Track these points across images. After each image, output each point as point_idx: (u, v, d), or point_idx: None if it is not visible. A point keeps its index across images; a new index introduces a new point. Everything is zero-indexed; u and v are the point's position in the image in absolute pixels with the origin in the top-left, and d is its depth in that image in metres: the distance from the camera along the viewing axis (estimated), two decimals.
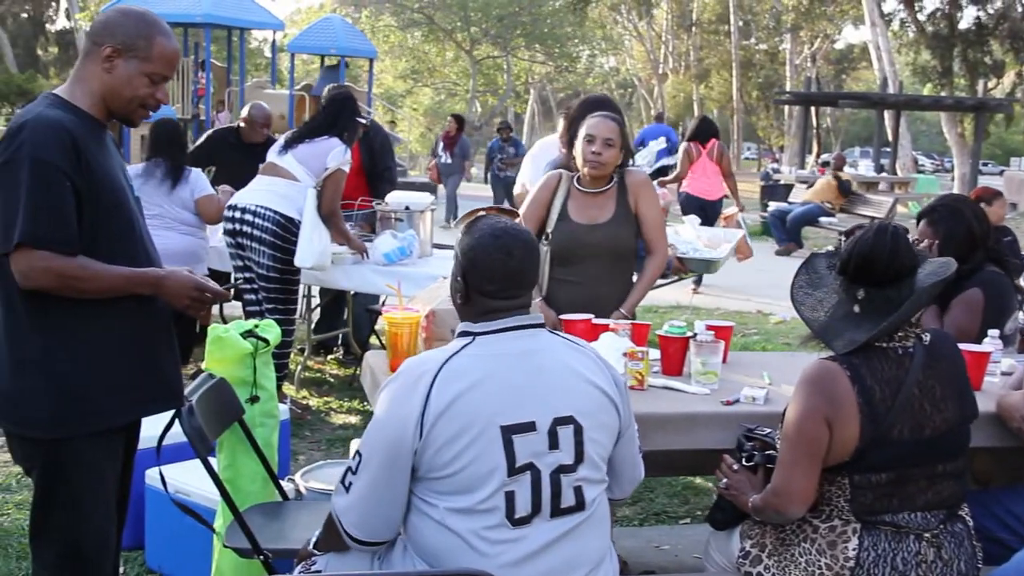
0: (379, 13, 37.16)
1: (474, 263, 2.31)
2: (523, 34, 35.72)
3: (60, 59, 39.93)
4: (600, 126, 3.99)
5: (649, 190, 4.15)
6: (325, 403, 6.21)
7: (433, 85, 42.27)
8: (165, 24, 2.72)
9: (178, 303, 2.67)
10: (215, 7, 16.91)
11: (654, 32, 43.50)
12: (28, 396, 2.57)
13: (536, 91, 43.06)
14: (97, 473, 2.68)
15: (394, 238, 5.86)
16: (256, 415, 3.39)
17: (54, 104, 2.61)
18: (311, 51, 20.98)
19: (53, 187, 2.47)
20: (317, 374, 6.85)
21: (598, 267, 4.05)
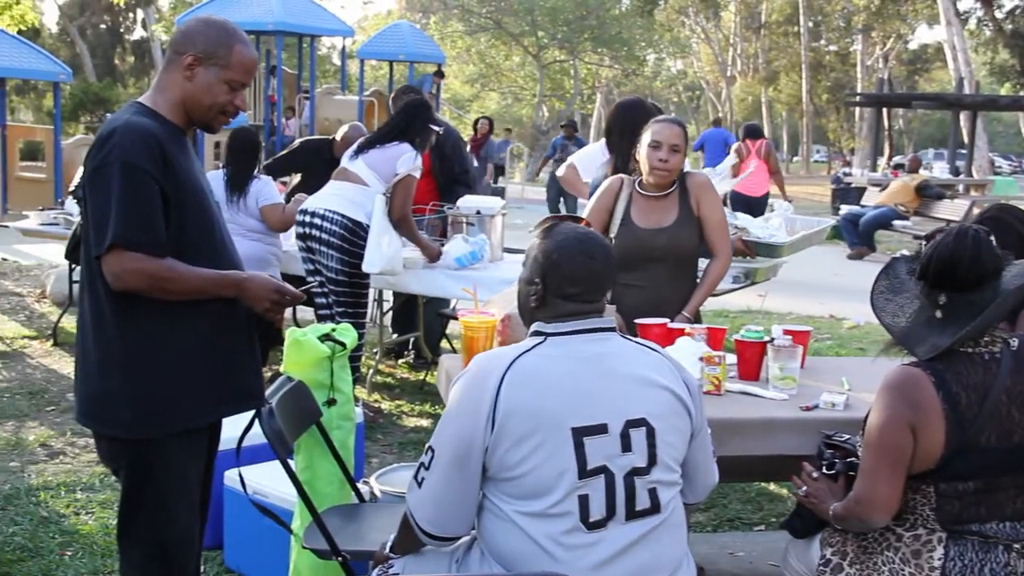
0: (447, 19, 37.38)
1: (557, 265, 2.32)
2: (590, 38, 35.64)
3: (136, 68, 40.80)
4: (666, 131, 3.96)
5: (711, 192, 4.12)
6: (397, 407, 6.25)
7: (500, 90, 42.38)
8: (243, 33, 2.77)
9: (258, 306, 2.71)
10: (287, 15, 17.14)
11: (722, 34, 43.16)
12: (114, 397, 2.62)
13: (603, 95, 42.90)
14: (181, 473, 2.72)
15: (465, 242, 5.88)
16: (333, 418, 3.42)
17: (140, 112, 2.67)
18: (380, 57, 21.16)
19: (142, 191, 2.53)
20: (388, 378, 6.90)
21: (662, 271, 4.03)
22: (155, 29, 35.59)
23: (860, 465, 2.60)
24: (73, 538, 4.14)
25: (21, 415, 5.90)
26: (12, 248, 11.77)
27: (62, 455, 5.23)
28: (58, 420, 5.82)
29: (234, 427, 2.95)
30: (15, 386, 6.50)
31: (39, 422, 5.79)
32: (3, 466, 5.01)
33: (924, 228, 13.92)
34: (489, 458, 2.22)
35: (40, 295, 9.33)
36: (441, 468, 2.25)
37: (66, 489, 4.69)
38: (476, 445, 2.21)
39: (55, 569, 3.87)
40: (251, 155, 6.25)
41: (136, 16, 38.91)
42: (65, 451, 5.29)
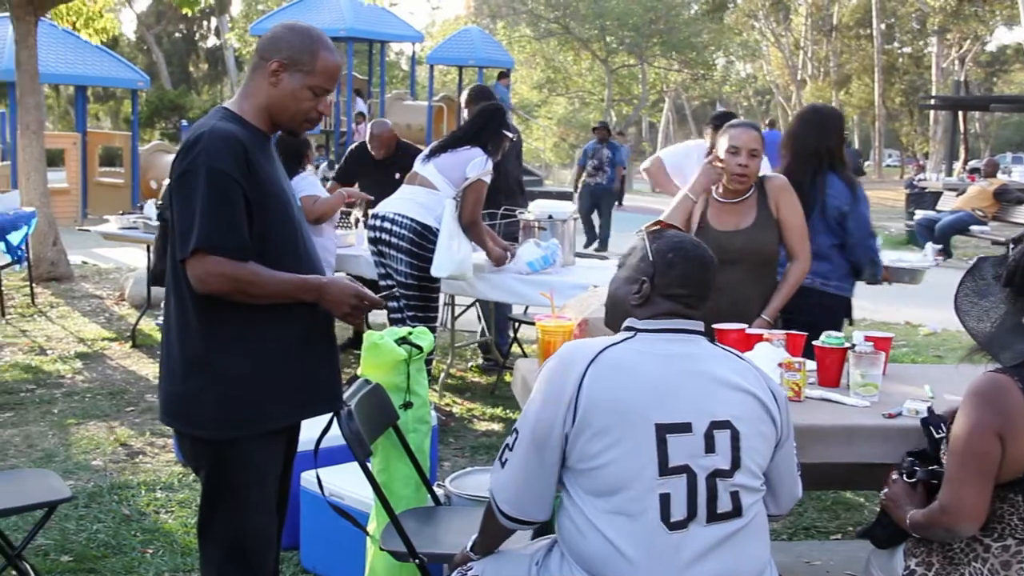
0: (515, 24, 37.48)
1: (671, 265, 2.36)
2: (659, 42, 35.48)
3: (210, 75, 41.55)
4: (743, 136, 3.94)
5: (790, 195, 4.08)
6: (468, 410, 6.28)
7: (568, 95, 42.37)
8: (328, 39, 2.79)
9: (338, 310, 2.73)
10: (357, 21, 17.35)
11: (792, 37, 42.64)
12: (197, 397, 2.66)
13: (671, 99, 42.70)
14: (260, 473, 2.75)
15: (538, 247, 5.88)
16: (409, 421, 3.44)
17: (225, 117, 2.70)
18: (450, 62, 21.31)
19: (227, 195, 2.57)
20: (459, 381, 6.93)
21: (741, 273, 3.99)
22: (228, 37, 36.22)
23: (945, 473, 2.54)
24: (154, 536, 4.23)
25: (102, 415, 6.03)
26: (92, 251, 12.06)
27: (142, 455, 5.34)
28: (137, 420, 5.94)
29: (311, 428, 2.99)
30: (96, 387, 6.65)
31: (119, 422, 5.91)
32: (86, 464, 5.13)
33: (1003, 233, 13.61)
34: (569, 447, 2.23)
35: (119, 298, 9.54)
36: (522, 450, 2.28)
37: (146, 488, 4.78)
38: (556, 431, 2.22)
39: (137, 566, 3.95)
40: (295, 162, 6.28)
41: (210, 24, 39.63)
42: (145, 451, 5.40)
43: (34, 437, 5.58)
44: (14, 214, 8.54)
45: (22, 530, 4.05)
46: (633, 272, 2.42)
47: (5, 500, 3.34)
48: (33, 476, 3.83)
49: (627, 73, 39.40)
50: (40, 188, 10.10)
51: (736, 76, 46.33)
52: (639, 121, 44.05)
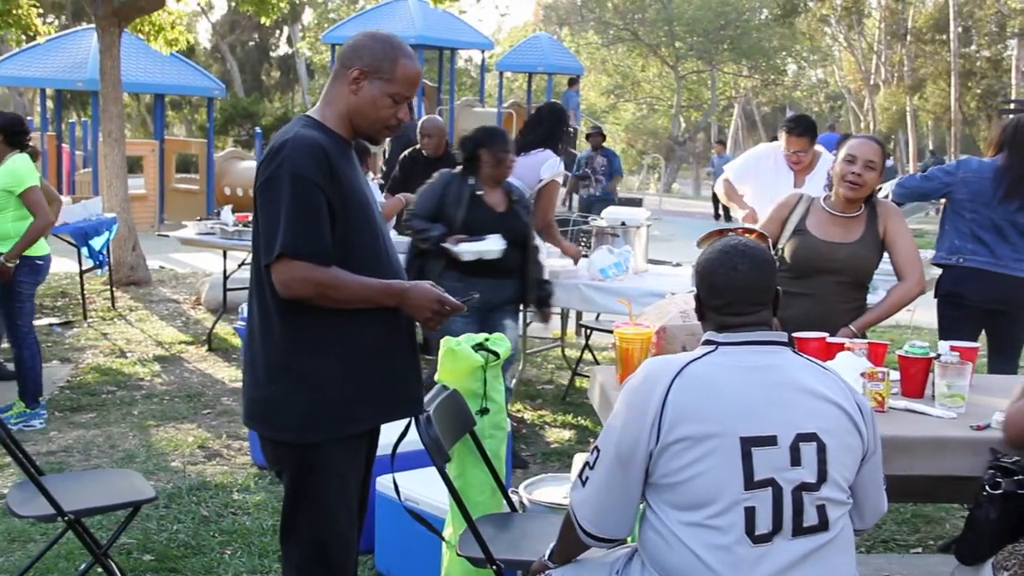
0: (582, 30, 37.43)
1: (702, 278, 2.36)
2: (729, 48, 35.18)
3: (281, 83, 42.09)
4: (863, 148, 3.93)
5: (901, 220, 4.07)
6: (539, 417, 6.27)
7: (636, 101, 42.21)
8: (408, 47, 2.81)
9: (419, 315, 2.73)
10: (428, 29, 17.46)
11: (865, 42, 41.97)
12: (281, 401, 2.69)
13: (740, 105, 42.28)
14: (342, 477, 2.77)
15: (610, 253, 5.86)
16: (486, 427, 3.45)
17: (308, 124, 2.73)
18: (520, 69, 21.35)
19: (310, 201, 2.59)
20: (530, 388, 6.92)
21: (833, 285, 3.96)
22: (300, 46, 36.71)
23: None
24: (232, 537, 4.28)
25: (180, 417, 6.15)
26: (168, 256, 12.29)
27: (218, 456, 5.42)
28: (214, 423, 6.04)
29: (387, 433, 3.00)
30: (174, 389, 6.77)
31: (196, 424, 6.02)
32: (165, 465, 5.22)
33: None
34: (653, 463, 2.21)
35: (195, 302, 9.70)
36: (605, 468, 2.26)
37: (223, 490, 4.85)
38: (640, 448, 2.21)
39: (216, 567, 4.01)
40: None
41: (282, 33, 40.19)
42: (221, 453, 5.49)
43: (115, 438, 5.70)
44: (96, 220, 8.74)
45: (106, 528, 4.14)
46: (693, 286, 2.43)
47: (93, 499, 3.42)
48: (118, 476, 3.91)
49: (696, 79, 39.11)
50: (121, 194, 10.32)
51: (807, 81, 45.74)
52: (707, 127, 43.66)
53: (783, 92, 41.73)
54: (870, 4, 40.01)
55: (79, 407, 6.31)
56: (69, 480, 3.92)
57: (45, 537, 4.18)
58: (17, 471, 5.01)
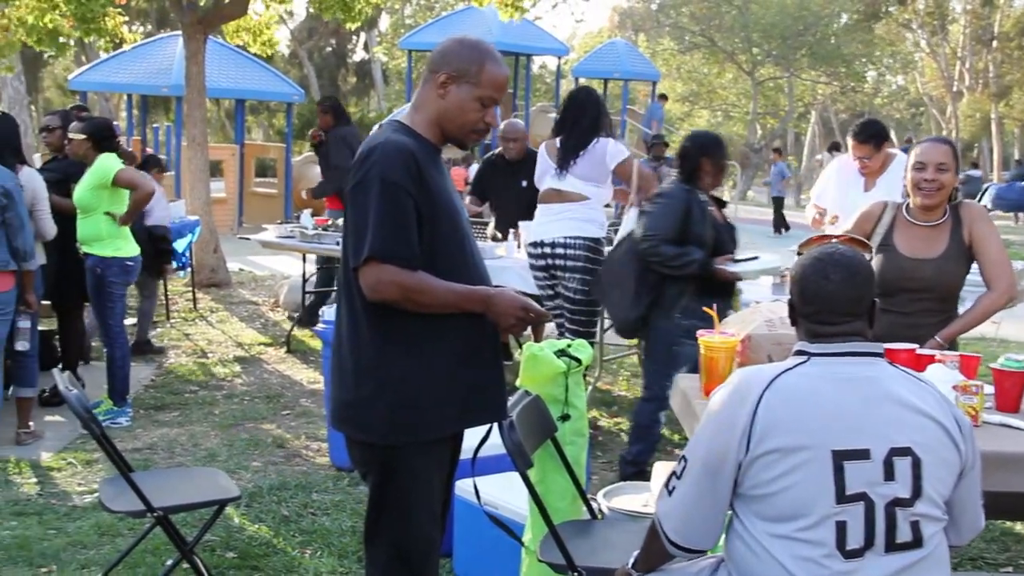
0: (659, 36, 37.25)
1: (795, 284, 2.34)
2: (808, 54, 34.71)
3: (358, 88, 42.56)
4: (931, 152, 3.81)
5: (988, 223, 3.91)
6: (615, 424, 6.25)
7: (711, 107, 41.87)
8: (496, 51, 2.82)
9: (504, 322, 2.73)
10: (505, 35, 17.53)
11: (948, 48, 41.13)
12: (368, 404, 2.72)
13: (818, 112, 41.71)
14: (426, 480, 2.79)
15: None
16: (567, 433, 3.45)
17: (398, 130, 2.76)
18: (596, 75, 21.31)
19: (399, 206, 2.62)
20: (606, 395, 6.90)
21: (922, 303, 3.86)
22: (376, 51, 37.09)
23: None
24: (312, 537, 4.34)
25: (260, 417, 6.24)
26: (247, 259, 12.50)
27: (297, 457, 5.50)
28: (293, 424, 6.12)
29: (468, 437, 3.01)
30: (254, 390, 6.89)
31: (276, 424, 6.11)
32: (246, 465, 5.31)
33: None
34: (742, 474, 2.18)
35: (273, 304, 9.86)
36: (692, 479, 2.24)
37: (302, 490, 4.92)
38: (730, 459, 2.18)
39: (297, 566, 4.06)
40: None
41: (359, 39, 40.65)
42: (300, 453, 5.56)
43: (198, 436, 5.81)
44: (179, 222, 8.92)
45: (189, 525, 4.22)
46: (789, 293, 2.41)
47: (180, 496, 3.50)
48: (203, 474, 3.99)
49: (773, 85, 38.68)
50: (203, 198, 10.54)
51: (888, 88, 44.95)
52: (784, 134, 43.14)
53: (862, 99, 41.07)
54: (954, 9, 39.18)
55: (163, 406, 6.45)
56: (157, 477, 4.01)
57: (132, 532, 4.28)
58: (105, 467, 5.15)
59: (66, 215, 5.85)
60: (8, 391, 5.63)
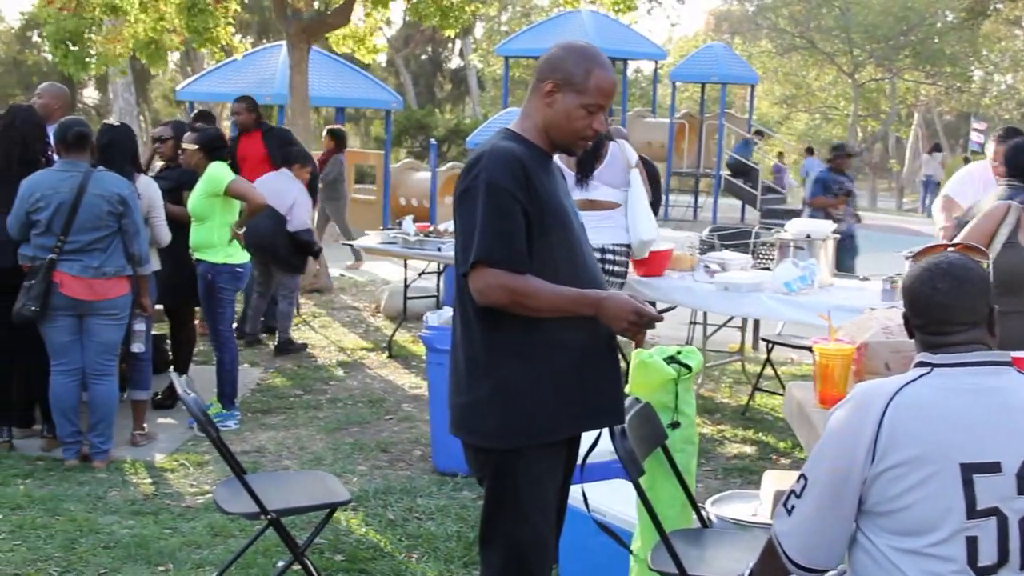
0: (755, 38, 36.75)
1: (905, 294, 2.30)
2: (911, 54, 33.87)
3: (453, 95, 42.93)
4: None
5: None
6: (719, 431, 6.18)
7: (809, 110, 41.14)
8: (603, 57, 2.82)
9: (616, 325, 2.72)
10: (601, 39, 17.46)
11: None
12: (482, 408, 2.74)
13: (920, 114, 40.66)
14: (540, 485, 2.79)
15: (795, 266, 5.73)
16: (677, 441, 3.42)
17: (507, 137, 2.79)
18: (693, 79, 21.12)
19: (506, 210, 2.64)
20: (709, 402, 6.82)
21: None
22: (471, 58, 37.36)
23: None
24: (417, 542, 4.37)
25: (363, 422, 6.32)
26: (347, 265, 12.68)
27: (401, 461, 5.56)
28: (396, 428, 6.19)
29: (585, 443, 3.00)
30: (357, 394, 6.98)
31: (379, 429, 6.18)
32: (352, 469, 5.38)
33: None
34: (867, 490, 2.13)
35: (374, 309, 9.98)
36: (814, 497, 2.20)
37: (407, 494, 4.96)
38: (854, 475, 2.13)
39: (404, 570, 4.11)
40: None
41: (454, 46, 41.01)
42: (404, 458, 5.61)
43: (304, 440, 5.91)
44: None
45: (298, 527, 4.29)
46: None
47: (292, 499, 3.56)
48: (313, 478, 4.06)
49: (874, 87, 37.84)
50: None
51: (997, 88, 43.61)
52: (885, 137, 42.14)
53: (968, 99, 39.89)
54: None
55: (269, 409, 6.58)
56: (268, 480, 4.09)
57: (244, 533, 4.37)
58: (215, 469, 5.28)
59: (180, 222, 6.01)
60: (124, 394, 5.80)
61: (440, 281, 8.85)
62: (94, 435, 5.33)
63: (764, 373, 6.85)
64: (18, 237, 5.13)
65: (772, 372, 6.88)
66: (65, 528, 4.47)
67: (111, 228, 5.13)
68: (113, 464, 5.36)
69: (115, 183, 5.19)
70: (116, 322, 5.26)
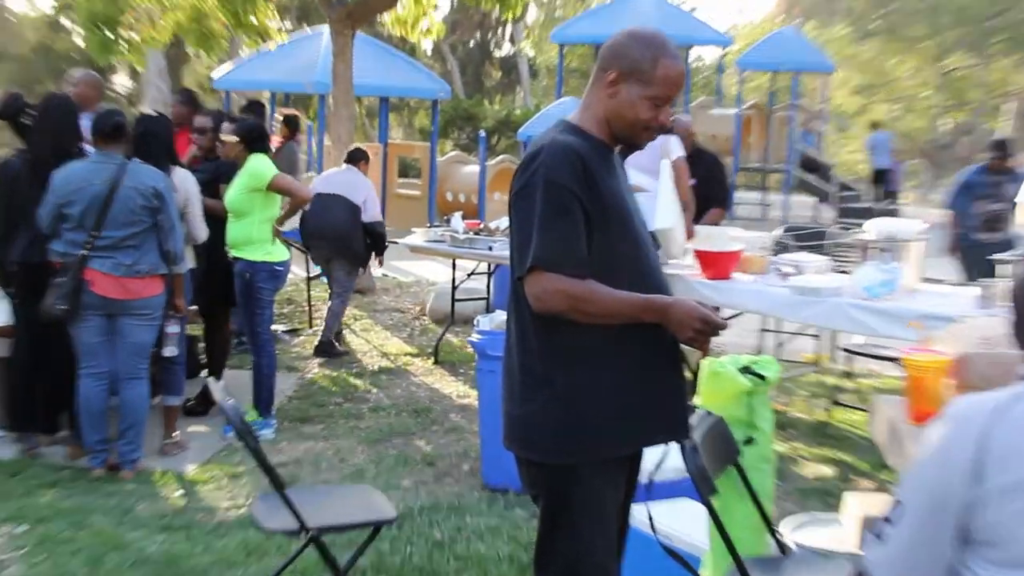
0: (828, 24, 36.37)
1: (1013, 300, 2.22)
2: (1006, 39, 33.29)
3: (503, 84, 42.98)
4: None
5: None
6: (793, 449, 6.09)
7: (890, 100, 40.63)
8: (672, 46, 2.78)
9: (682, 333, 2.68)
10: (663, 25, 17.35)
11: None
12: (537, 420, 2.71)
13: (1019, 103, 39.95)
14: (599, 503, 2.75)
15: (879, 271, 5.62)
16: (751, 458, 3.36)
17: (566, 130, 2.76)
18: (763, 67, 20.98)
19: (565, 209, 2.61)
20: (783, 417, 6.73)
21: None
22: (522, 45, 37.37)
23: None
24: (466, 564, 4.35)
25: (408, 433, 6.32)
26: (390, 264, 12.70)
27: (448, 476, 5.54)
28: (443, 440, 6.18)
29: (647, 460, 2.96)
30: (401, 403, 6.98)
31: (425, 441, 6.17)
32: (395, 484, 5.37)
33: None
34: (970, 516, 2.06)
35: (419, 312, 10.00)
36: (909, 524, 2.13)
37: (455, 512, 4.94)
38: (954, 500, 2.07)
39: None
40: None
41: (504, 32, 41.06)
42: (451, 472, 5.60)
43: (344, 451, 5.92)
44: None
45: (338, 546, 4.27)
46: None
47: (334, 515, 3.55)
48: (356, 493, 4.06)
49: (962, 75, 37.26)
50: None
51: None
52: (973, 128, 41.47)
53: None
54: None
55: (307, 418, 6.60)
56: (309, 494, 4.07)
57: (280, 551, 4.36)
58: (250, 481, 5.29)
59: (217, 218, 6.05)
60: (154, 399, 5.84)
61: (490, 282, 8.85)
62: (123, 443, 5.38)
63: (843, 386, 6.74)
64: (48, 231, 5.20)
65: (852, 385, 6.77)
66: (91, 543, 4.50)
67: (145, 224, 5.18)
68: (142, 475, 5.41)
69: (150, 176, 5.24)
70: (149, 323, 5.30)
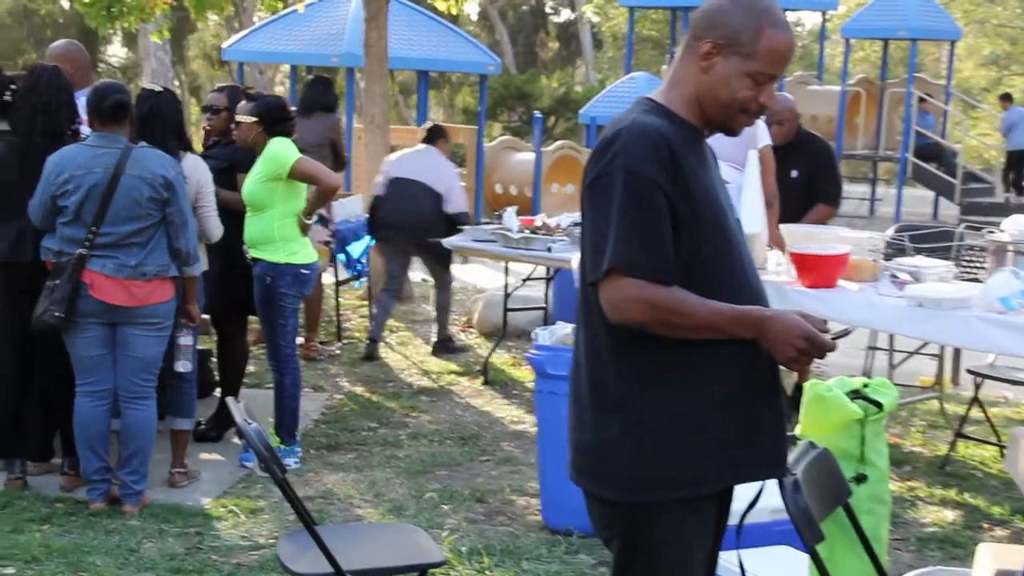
0: None
1: None
2: None
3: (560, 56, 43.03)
4: None
5: None
6: (909, 490, 6.08)
7: None
8: (780, 12, 2.78)
9: (782, 352, 2.68)
10: None
11: None
12: (611, 451, 2.74)
13: None
14: (684, 548, 2.78)
15: (1016, 277, 5.60)
16: (863, 499, 3.40)
17: (649, 109, 2.78)
18: (874, 35, 20.83)
19: (648, 204, 2.63)
20: (895, 450, 6.72)
21: None
22: (585, 10, 37.35)
23: None
24: None
25: (453, 463, 6.39)
26: None
27: (501, 515, 5.60)
28: (494, 473, 6.24)
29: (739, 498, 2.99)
30: (445, 429, 7.05)
31: (474, 473, 6.24)
32: (439, 522, 5.43)
33: None
34: None
35: (466, 324, 10.07)
36: None
37: (509, 556, 5.00)
38: None
39: None
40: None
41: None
42: (504, 511, 5.66)
43: (380, 485, 5.99)
44: (356, 221, 9.19)
45: None
46: None
47: (372, 558, 3.63)
48: (398, 532, 4.12)
49: None
50: None
51: None
52: None
53: None
54: None
55: (336, 445, 6.69)
56: (343, 533, 4.15)
57: None
58: (271, 517, 5.38)
59: (233, 212, 6.11)
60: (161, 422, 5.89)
61: (549, 289, 8.86)
62: (126, 472, 5.45)
63: (970, 416, 6.71)
64: (41, 226, 5.28)
65: (981, 414, 6.74)
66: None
67: (153, 218, 5.25)
68: (148, 509, 5.50)
69: (159, 162, 5.29)
70: (157, 333, 5.38)
